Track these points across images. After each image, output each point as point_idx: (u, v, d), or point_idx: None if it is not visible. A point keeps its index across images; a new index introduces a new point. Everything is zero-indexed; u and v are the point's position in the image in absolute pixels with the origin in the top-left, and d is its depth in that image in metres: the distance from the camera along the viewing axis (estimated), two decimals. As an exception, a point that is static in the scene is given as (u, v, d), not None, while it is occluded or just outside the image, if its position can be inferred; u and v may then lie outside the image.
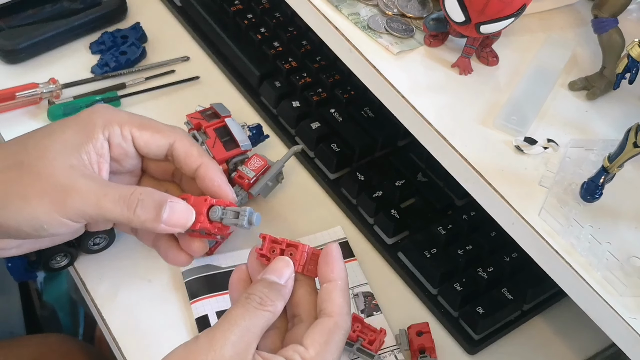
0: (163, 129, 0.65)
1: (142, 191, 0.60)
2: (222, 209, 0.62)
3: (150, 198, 0.60)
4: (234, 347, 0.52)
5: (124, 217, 0.59)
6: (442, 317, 0.71)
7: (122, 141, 0.63)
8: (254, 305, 0.55)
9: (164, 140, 0.64)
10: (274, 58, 0.86)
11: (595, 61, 0.64)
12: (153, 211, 0.59)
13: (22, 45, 0.84)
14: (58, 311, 1.08)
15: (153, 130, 0.64)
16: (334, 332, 0.55)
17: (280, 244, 0.59)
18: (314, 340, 0.54)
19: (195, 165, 0.64)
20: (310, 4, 0.65)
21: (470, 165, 0.56)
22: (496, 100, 0.61)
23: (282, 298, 0.57)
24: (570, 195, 0.55)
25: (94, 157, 0.62)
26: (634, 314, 0.50)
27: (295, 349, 0.54)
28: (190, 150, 0.64)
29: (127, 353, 0.66)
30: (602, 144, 0.58)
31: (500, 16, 0.57)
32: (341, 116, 0.81)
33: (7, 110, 0.80)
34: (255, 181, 0.74)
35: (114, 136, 0.63)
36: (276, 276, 0.57)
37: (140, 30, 0.89)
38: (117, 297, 0.69)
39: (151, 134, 0.64)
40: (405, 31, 0.65)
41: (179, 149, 0.64)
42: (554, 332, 0.73)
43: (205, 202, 0.62)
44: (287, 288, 0.57)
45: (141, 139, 0.64)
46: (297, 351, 0.54)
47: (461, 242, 0.73)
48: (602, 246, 0.53)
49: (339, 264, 0.58)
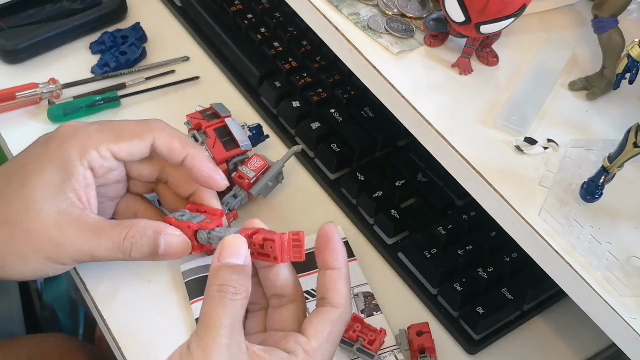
0: (139, 131, 0.63)
1: (135, 232, 0.60)
2: (207, 233, 0.62)
3: (145, 238, 0.60)
4: (228, 350, 0.51)
5: (118, 259, 0.61)
6: (442, 317, 0.71)
7: (103, 162, 0.62)
8: (229, 297, 0.52)
9: (144, 143, 0.63)
10: (274, 58, 0.86)
11: (595, 61, 0.64)
12: (148, 249, 0.60)
13: (22, 45, 0.84)
14: (58, 311, 1.08)
15: (130, 137, 0.62)
16: (337, 324, 0.55)
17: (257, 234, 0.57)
18: (317, 331, 0.54)
19: (179, 157, 0.63)
20: (310, 4, 0.65)
21: (470, 165, 0.56)
22: (496, 100, 0.61)
23: (248, 277, 0.54)
24: (570, 195, 0.55)
25: (80, 190, 0.61)
26: (634, 314, 0.50)
27: (297, 339, 0.53)
28: (172, 143, 0.63)
29: (127, 353, 0.66)
30: (602, 144, 0.58)
31: (500, 16, 0.57)
32: (341, 116, 0.81)
33: (7, 110, 0.80)
34: (255, 181, 0.74)
35: (94, 160, 0.61)
36: (235, 257, 0.54)
37: (140, 30, 0.89)
38: (117, 297, 0.69)
39: (129, 142, 0.62)
40: (405, 31, 0.65)
41: (160, 145, 0.63)
42: (554, 332, 0.73)
43: (188, 228, 0.62)
44: (248, 265, 0.55)
45: (121, 151, 0.62)
46: (299, 342, 0.53)
47: (461, 242, 0.73)
48: (602, 246, 0.53)
49: (342, 251, 0.56)
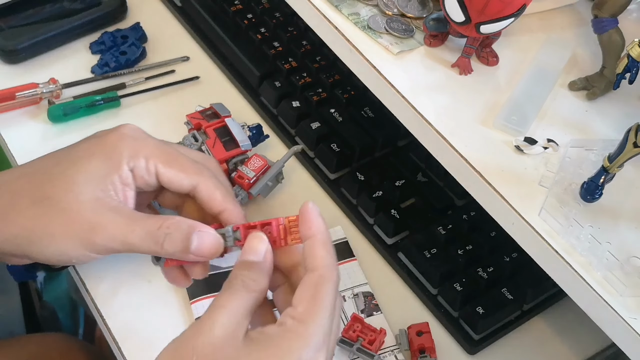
0: (188, 168, 0.63)
1: (170, 224, 0.59)
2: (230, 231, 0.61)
3: (178, 231, 0.59)
4: (223, 328, 0.51)
5: (151, 251, 0.59)
6: (442, 317, 0.71)
7: (146, 174, 0.62)
8: (237, 288, 0.53)
9: (188, 180, 0.63)
10: (274, 58, 0.86)
11: (595, 61, 0.64)
12: (181, 244, 0.58)
13: (22, 45, 0.84)
14: (58, 311, 1.08)
15: (178, 169, 0.63)
16: (320, 284, 0.53)
17: (255, 227, 0.58)
18: (301, 297, 0.53)
19: (217, 210, 0.62)
20: (310, 4, 0.65)
21: (470, 165, 0.56)
22: (496, 100, 0.61)
23: (265, 274, 0.55)
24: (570, 195, 0.55)
25: (119, 186, 0.61)
26: (634, 314, 0.50)
27: (285, 311, 0.53)
28: (214, 194, 0.63)
29: (127, 353, 0.66)
30: (602, 144, 0.58)
31: (500, 16, 0.57)
32: (341, 116, 0.81)
33: (7, 110, 0.80)
34: (255, 181, 0.74)
35: (139, 169, 0.62)
36: (253, 255, 0.55)
37: (140, 30, 0.89)
38: (117, 297, 0.69)
39: (176, 172, 0.62)
40: (405, 31, 0.65)
41: (202, 191, 0.63)
42: (554, 332, 0.73)
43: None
44: (267, 262, 0.55)
45: (165, 175, 0.62)
46: (287, 313, 0.52)
47: (461, 242, 0.73)
48: (602, 246, 0.53)
49: (317, 219, 0.56)
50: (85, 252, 0.60)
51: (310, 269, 0.54)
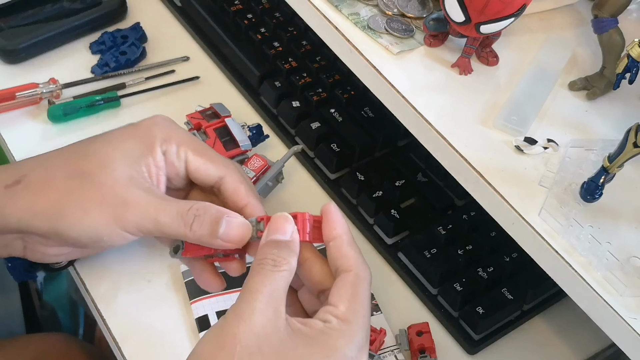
0: (217, 159, 0.64)
1: (200, 207, 0.59)
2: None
3: (208, 214, 0.59)
4: (262, 314, 0.51)
5: (179, 232, 0.59)
6: (442, 317, 0.71)
7: (176, 160, 0.63)
8: (268, 269, 0.53)
9: (215, 171, 0.64)
10: (274, 58, 0.86)
11: (595, 61, 0.64)
12: (209, 227, 0.59)
13: (22, 45, 0.84)
14: (58, 311, 1.08)
15: (206, 159, 0.64)
16: (356, 283, 0.54)
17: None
18: (340, 296, 0.53)
19: (241, 203, 0.63)
20: (310, 4, 0.65)
21: (470, 165, 0.56)
22: (496, 100, 0.61)
23: (293, 253, 0.55)
24: (570, 195, 0.55)
25: (153, 169, 0.62)
26: (634, 314, 0.50)
27: (326, 309, 0.53)
28: (239, 187, 0.63)
29: (127, 353, 0.66)
30: (602, 144, 0.58)
31: (500, 16, 0.57)
32: (341, 116, 0.81)
33: (7, 110, 0.80)
34: (255, 181, 0.74)
35: (170, 153, 0.63)
36: (280, 234, 0.56)
37: (140, 30, 0.89)
38: (117, 297, 0.69)
39: (204, 161, 0.64)
40: (405, 31, 0.65)
41: (228, 183, 0.63)
42: (554, 332, 0.73)
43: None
44: (294, 242, 0.56)
45: (194, 163, 0.63)
46: (328, 311, 0.53)
47: (461, 242, 0.73)
48: (602, 246, 0.53)
49: (340, 220, 0.57)
50: (116, 228, 0.59)
51: (343, 269, 0.55)
